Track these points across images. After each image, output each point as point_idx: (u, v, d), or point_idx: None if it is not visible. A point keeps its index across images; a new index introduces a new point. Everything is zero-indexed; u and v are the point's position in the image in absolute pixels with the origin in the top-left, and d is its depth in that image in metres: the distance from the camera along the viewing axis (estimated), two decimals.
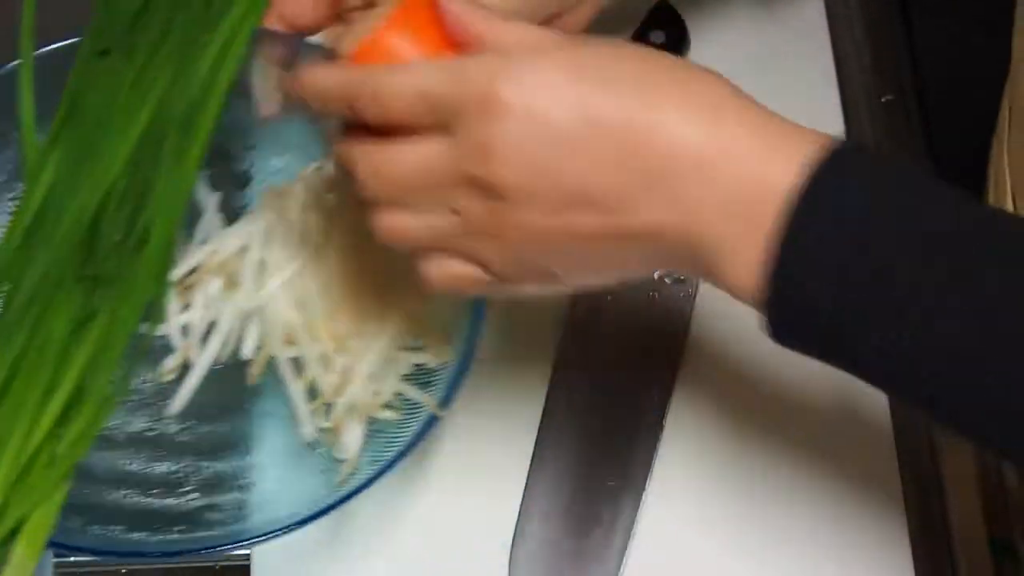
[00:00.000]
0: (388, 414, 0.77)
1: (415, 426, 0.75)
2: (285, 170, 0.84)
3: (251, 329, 0.78)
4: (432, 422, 0.75)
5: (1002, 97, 0.89)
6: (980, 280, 0.60)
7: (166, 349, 0.78)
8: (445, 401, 0.75)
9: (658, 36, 0.96)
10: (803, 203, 0.61)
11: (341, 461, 0.76)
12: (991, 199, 0.90)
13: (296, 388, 0.78)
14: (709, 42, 0.97)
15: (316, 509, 0.72)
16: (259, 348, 0.78)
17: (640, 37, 0.96)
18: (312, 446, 0.78)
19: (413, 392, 0.77)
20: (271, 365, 0.78)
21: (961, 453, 0.86)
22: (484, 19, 0.67)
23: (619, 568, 0.81)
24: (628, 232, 0.64)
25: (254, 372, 0.78)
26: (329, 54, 0.71)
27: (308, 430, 0.77)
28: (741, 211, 0.62)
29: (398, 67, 0.67)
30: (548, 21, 0.76)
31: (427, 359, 0.78)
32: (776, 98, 0.97)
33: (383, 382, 0.77)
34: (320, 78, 0.68)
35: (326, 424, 0.77)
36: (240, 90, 0.74)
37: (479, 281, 0.69)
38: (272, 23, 0.76)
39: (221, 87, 0.74)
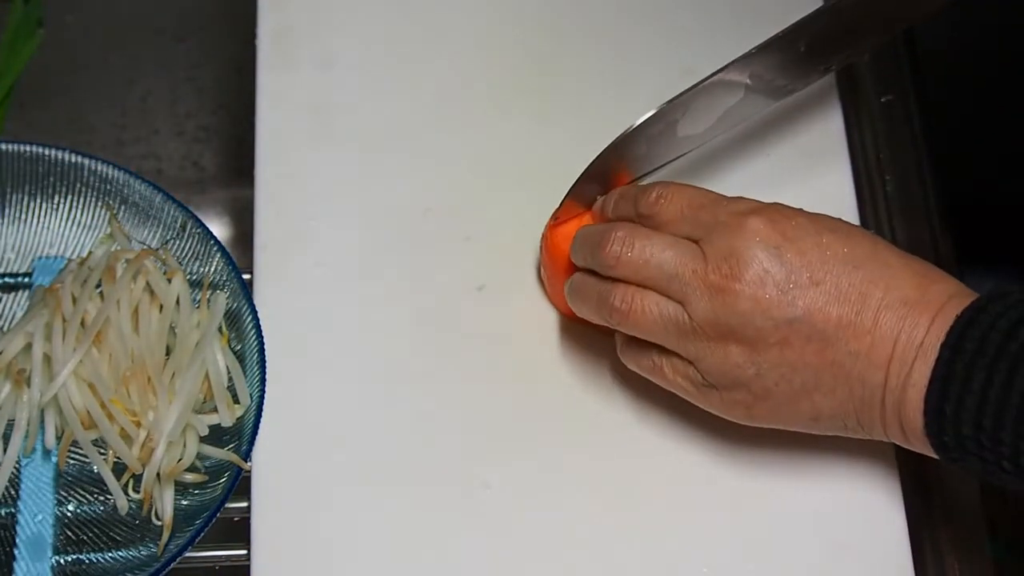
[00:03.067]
0: (192, 476, 0.82)
1: (224, 481, 0.80)
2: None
3: (49, 420, 0.82)
4: (238, 475, 0.80)
5: None
6: None
7: None
8: (247, 454, 0.81)
9: None
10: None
11: (159, 526, 0.81)
12: None
13: (103, 467, 0.82)
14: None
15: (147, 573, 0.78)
16: (60, 436, 0.82)
17: None
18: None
19: (215, 451, 0.82)
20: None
21: None
22: None
23: None
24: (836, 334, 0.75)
25: (60, 459, 0.82)
26: None
27: (121, 503, 0.81)
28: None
29: (684, 185, 0.79)
30: None
31: (221, 419, 0.83)
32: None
33: (183, 447, 0.82)
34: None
35: (137, 496, 0.81)
36: None
37: (689, 378, 0.78)
38: None
39: None
